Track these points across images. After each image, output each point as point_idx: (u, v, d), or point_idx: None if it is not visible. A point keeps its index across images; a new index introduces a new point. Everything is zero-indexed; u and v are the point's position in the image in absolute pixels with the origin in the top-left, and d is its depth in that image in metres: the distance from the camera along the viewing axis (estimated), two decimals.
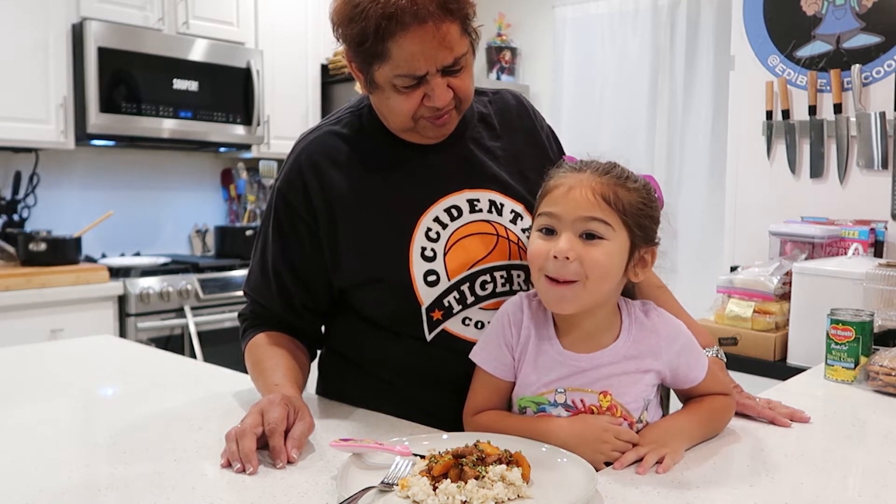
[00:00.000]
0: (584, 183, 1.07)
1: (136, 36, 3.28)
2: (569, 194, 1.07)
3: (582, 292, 1.06)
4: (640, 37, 3.93)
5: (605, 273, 1.06)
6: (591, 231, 1.06)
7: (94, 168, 3.63)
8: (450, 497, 0.89)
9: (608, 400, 1.09)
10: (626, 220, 1.07)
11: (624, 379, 1.10)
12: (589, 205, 1.06)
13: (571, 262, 1.05)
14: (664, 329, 1.13)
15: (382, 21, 1.11)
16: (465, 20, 1.16)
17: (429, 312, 1.23)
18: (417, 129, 1.24)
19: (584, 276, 1.05)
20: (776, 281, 2.31)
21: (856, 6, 2.60)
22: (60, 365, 1.69)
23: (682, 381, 1.15)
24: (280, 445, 1.04)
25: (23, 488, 0.97)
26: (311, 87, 4.01)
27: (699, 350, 1.16)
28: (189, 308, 3.25)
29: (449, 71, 1.17)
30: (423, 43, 1.12)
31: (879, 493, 0.98)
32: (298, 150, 1.31)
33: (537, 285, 1.11)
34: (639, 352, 1.11)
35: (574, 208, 1.06)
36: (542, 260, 1.07)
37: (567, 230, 1.06)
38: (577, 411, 1.10)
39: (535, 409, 1.12)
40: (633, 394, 1.10)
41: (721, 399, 1.18)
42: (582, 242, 1.06)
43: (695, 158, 3.78)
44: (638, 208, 1.08)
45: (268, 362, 1.28)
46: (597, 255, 1.05)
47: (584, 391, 1.10)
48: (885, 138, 2.53)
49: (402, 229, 1.24)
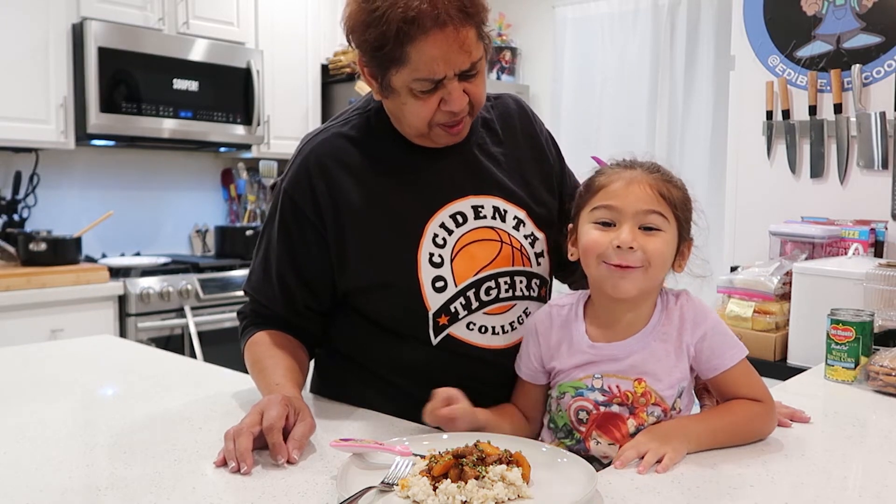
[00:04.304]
0: (641, 179, 1.14)
1: (136, 36, 3.28)
2: (628, 189, 1.14)
3: (643, 278, 1.13)
4: (640, 37, 3.93)
5: (664, 261, 1.14)
6: (650, 224, 1.13)
7: (94, 168, 3.63)
8: (450, 497, 0.89)
9: (643, 386, 1.13)
10: (677, 214, 1.15)
11: (658, 366, 1.14)
12: (649, 199, 1.13)
13: (636, 251, 1.11)
14: (691, 312, 1.16)
15: (403, 25, 1.10)
16: (480, 25, 1.17)
17: (435, 318, 1.24)
18: (431, 136, 1.25)
19: (648, 264, 1.12)
20: (776, 281, 2.30)
21: (856, 6, 2.60)
22: (60, 365, 1.69)
23: (706, 367, 1.16)
24: (280, 442, 1.04)
25: (23, 488, 0.97)
26: (311, 87, 4.01)
27: (730, 340, 1.16)
28: (189, 308, 3.25)
29: (465, 76, 1.18)
30: (442, 47, 1.13)
31: (879, 493, 0.98)
32: (306, 151, 1.30)
33: (596, 272, 1.16)
34: (667, 335, 1.15)
35: (634, 202, 1.13)
36: (603, 248, 1.13)
37: (628, 222, 1.12)
38: (612, 396, 1.14)
39: (574, 394, 1.17)
40: (668, 381, 1.13)
41: (751, 405, 1.15)
42: (642, 233, 1.12)
43: (695, 158, 3.78)
44: (683, 204, 1.17)
45: (268, 361, 1.27)
46: (658, 244, 1.13)
47: (620, 377, 1.14)
48: (886, 138, 2.53)
49: (410, 235, 1.25)
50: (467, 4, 1.13)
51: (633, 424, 1.13)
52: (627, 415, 1.13)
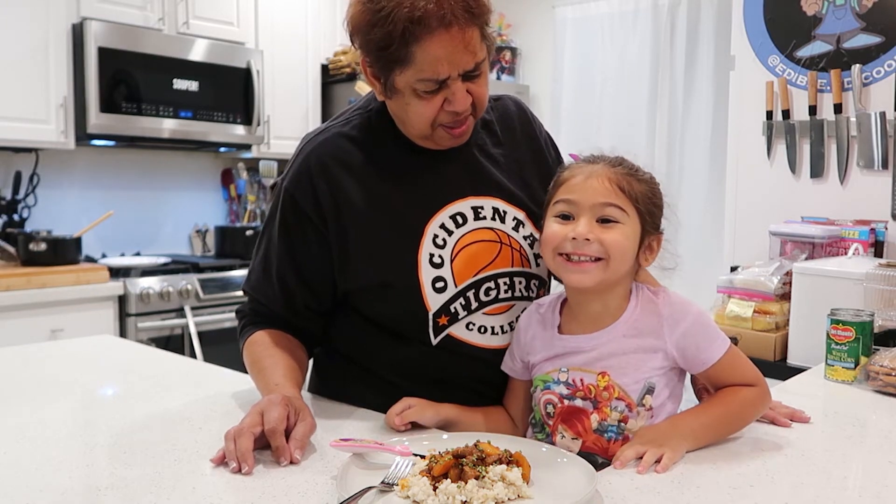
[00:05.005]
0: (600, 173, 1.15)
1: (136, 36, 3.28)
2: (586, 182, 1.15)
3: (605, 269, 1.13)
4: (640, 37, 3.93)
5: (623, 253, 1.14)
6: (608, 216, 1.14)
7: (94, 168, 3.63)
8: (450, 497, 0.89)
9: (606, 380, 1.14)
10: (637, 206, 1.15)
11: (623, 359, 1.14)
12: (606, 191, 1.14)
13: (592, 242, 1.12)
14: (668, 309, 1.15)
15: (409, 24, 1.11)
16: (484, 26, 1.18)
17: (435, 318, 1.25)
18: (434, 137, 1.25)
19: (607, 255, 1.13)
20: (776, 281, 2.30)
21: (856, 6, 2.60)
22: (60, 365, 1.69)
23: (693, 363, 1.15)
24: (283, 445, 1.04)
25: (23, 488, 0.97)
26: (311, 87, 4.01)
27: (714, 333, 1.15)
28: (189, 308, 3.25)
29: (469, 76, 1.18)
30: (447, 47, 1.13)
31: (879, 493, 0.98)
32: (307, 151, 1.30)
33: (553, 265, 1.18)
34: (638, 331, 1.15)
35: (592, 195, 1.14)
36: (559, 240, 1.15)
37: (585, 214, 1.14)
38: (576, 389, 1.15)
39: (542, 387, 1.19)
40: (634, 375, 1.13)
41: (744, 391, 1.15)
42: (600, 226, 1.13)
43: (695, 158, 3.78)
44: (647, 197, 1.17)
45: (267, 361, 1.27)
46: (615, 236, 1.13)
47: (584, 370, 1.15)
48: (886, 138, 2.53)
49: (410, 235, 1.25)
50: (473, 5, 1.14)
51: (597, 419, 1.14)
52: (591, 409, 1.14)
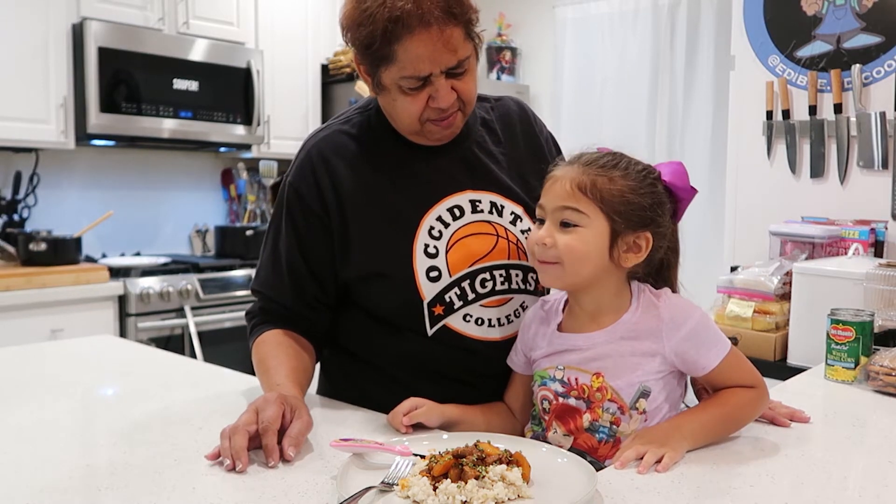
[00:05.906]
0: (566, 175, 1.15)
1: (136, 36, 3.28)
2: (552, 186, 1.16)
3: (563, 273, 1.15)
4: (640, 37, 3.93)
5: (579, 256, 1.13)
6: (566, 219, 1.14)
7: (94, 168, 3.63)
8: (450, 497, 0.89)
9: (600, 381, 1.14)
10: (602, 207, 1.13)
11: (619, 361, 1.14)
12: (565, 195, 1.14)
13: (550, 247, 1.14)
14: (669, 312, 1.15)
15: (389, 24, 1.15)
16: (468, 25, 1.21)
17: (430, 307, 1.26)
18: (424, 132, 1.28)
19: (560, 259, 1.14)
20: (776, 281, 2.30)
21: (856, 6, 2.60)
22: (60, 365, 1.69)
23: (692, 367, 1.16)
24: (273, 444, 1.04)
25: (23, 488, 0.97)
26: (311, 87, 4.01)
27: (714, 338, 1.15)
28: (189, 308, 3.25)
29: (452, 73, 1.21)
30: (427, 46, 1.16)
31: (880, 493, 0.98)
32: (309, 146, 1.34)
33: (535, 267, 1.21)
34: (636, 333, 1.14)
35: (553, 199, 1.15)
36: (530, 244, 1.19)
37: (549, 218, 1.16)
38: (571, 388, 1.16)
39: (540, 383, 1.20)
40: (628, 378, 1.13)
41: (742, 392, 1.16)
42: (559, 230, 1.14)
43: (695, 158, 3.77)
44: (621, 195, 1.13)
45: (272, 361, 1.29)
46: (568, 240, 1.13)
47: (579, 370, 1.16)
48: (886, 138, 2.53)
49: (406, 226, 1.28)
50: (452, 5, 1.17)
51: (589, 419, 1.14)
52: (584, 409, 1.15)
